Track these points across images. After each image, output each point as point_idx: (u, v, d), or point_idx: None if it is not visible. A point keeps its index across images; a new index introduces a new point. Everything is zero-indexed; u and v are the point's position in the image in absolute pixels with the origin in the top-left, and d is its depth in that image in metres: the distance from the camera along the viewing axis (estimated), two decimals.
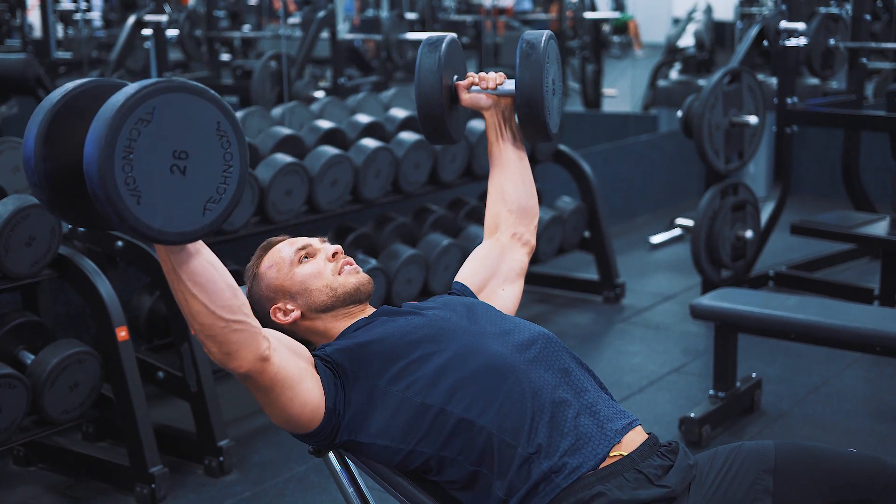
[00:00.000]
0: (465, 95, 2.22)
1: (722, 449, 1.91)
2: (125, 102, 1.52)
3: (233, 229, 3.74)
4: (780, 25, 4.89)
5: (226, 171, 1.63)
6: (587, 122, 8.39)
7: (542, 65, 2.08)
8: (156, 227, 1.56)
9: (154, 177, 1.55)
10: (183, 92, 1.57)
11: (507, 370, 1.87)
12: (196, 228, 1.61)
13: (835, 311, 3.53)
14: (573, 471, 1.79)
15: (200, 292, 1.69)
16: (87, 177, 1.52)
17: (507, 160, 2.25)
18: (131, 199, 1.53)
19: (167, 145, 1.56)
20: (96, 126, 1.52)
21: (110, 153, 1.50)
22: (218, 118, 1.61)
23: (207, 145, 1.60)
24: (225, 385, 4.05)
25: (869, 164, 6.35)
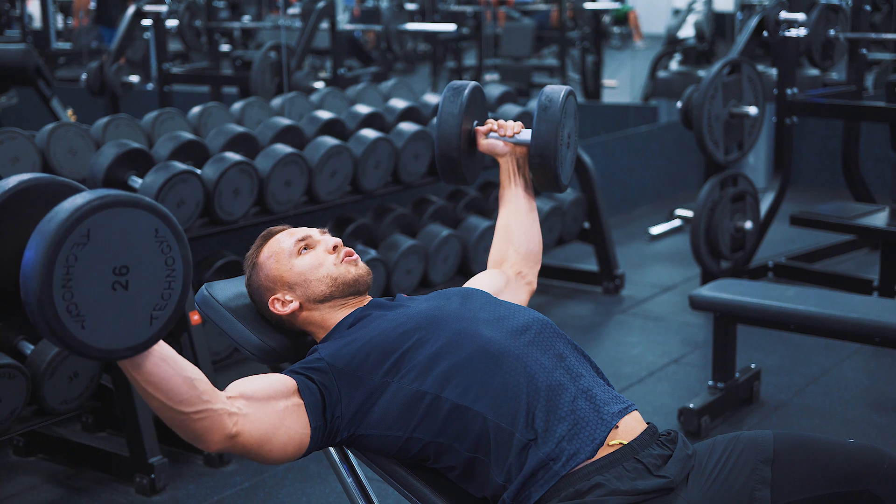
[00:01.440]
0: (483, 141, 2.32)
1: (720, 439, 1.92)
2: (58, 229, 1.45)
3: (232, 220, 3.74)
4: (780, 16, 4.88)
5: (169, 276, 1.58)
6: (587, 113, 8.38)
7: (559, 119, 2.17)
8: (103, 347, 1.53)
9: (96, 298, 1.50)
10: (116, 206, 1.50)
11: (501, 355, 1.88)
12: (145, 340, 1.58)
13: (834, 301, 3.53)
14: (571, 457, 1.80)
15: (156, 391, 1.68)
16: (27, 308, 1.47)
17: (517, 205, 2.33)
18: (75, 325, 1.48)
19: (106, 263, 1.51)
20: (31, 257, 1.46)
21: (48, 283, 1.45)
22: (155, 224, 1.55)
23: (148, 254, 1.55)
24: (225, 375, 4.06)
25: (868, 154, 6.35)
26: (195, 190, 3.56)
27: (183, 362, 1.71)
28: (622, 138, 6.99)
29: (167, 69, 6.73)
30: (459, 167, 2.29)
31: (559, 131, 2.18)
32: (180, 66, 8.05)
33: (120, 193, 1.52)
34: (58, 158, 3.77)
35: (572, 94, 2.27)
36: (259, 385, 1.85)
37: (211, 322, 2.14)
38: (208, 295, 2.14)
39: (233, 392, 1.81)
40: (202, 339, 3.43)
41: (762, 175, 7.16)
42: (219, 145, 3.97)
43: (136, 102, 6.95)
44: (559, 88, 2.23)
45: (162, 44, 6.68)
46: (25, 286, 1.46)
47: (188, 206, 3.54)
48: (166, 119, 4.29)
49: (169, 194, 3.45)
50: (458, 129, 2.25)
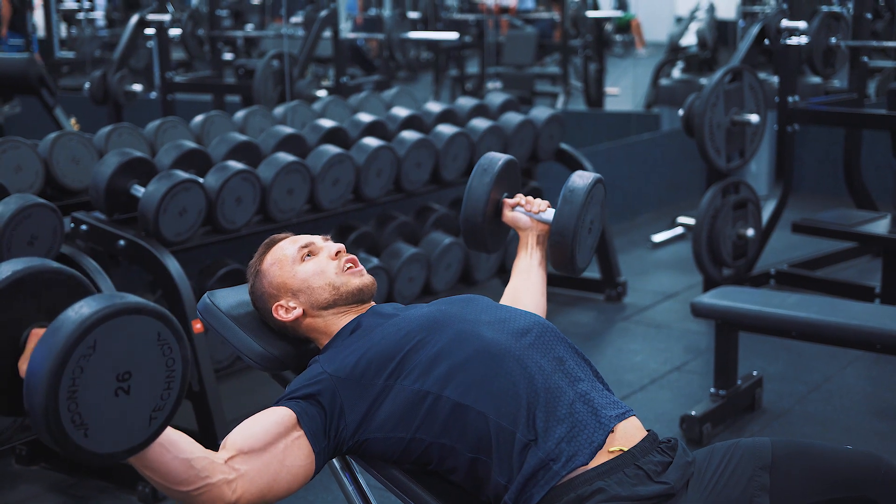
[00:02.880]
0: (509, 213, 2.39)
1: (719, 446, 1.93)
2: (67, 341, 1.46)
3: (235, 228, 3.75)
4: (782, 24, 4.89)
5: (169, 377, 1.60)
6: (589, 121, 8.39)
7: (583, 204, 2.24)
8: (104, 452, 1.54)
9: (100, 405, 1.52)
10: (122, 315, 1.52)
11: (501, 356, 1.89)
12: (144, 440, 1.60)
13: (835, 309, 3.53)
14: (570, 459, 1.81)
15: (154, 474, 1.71)
16: (31, 416, 1.48)
17: (528, 275, 2.38)
18: (78, 434, 1.50)
19: (111, 371, 1.52)
20: (38, 368, 1.46)
21: (54, 395, 1.46)
22: (158, 329, 1.57)
23: (150, 358, 1.57)
24: (227, 383, 4.07)
25: (870, 162, 6.36)
26: (198, 199, 3.57)
27: (180, 443, 1.73)
28: (624, 146, 7.00)
29: (170, 78, 6.75)
30: (482, 234, 2.35)
31: (582, 216, 2.23)
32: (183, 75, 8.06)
33: (125, 301, 1.53)
34: (60, 167, 3.78)
35: (601, 181, 2.33)
36: (257, 432, 1.84)
37: (213, 330, 2.15)
38: (210, 303, 2.15)
39: (231, 450, 1.81)
40: (205, 348, 3.44)
41: (764, 182, 7.17)
42: (221, 154, 3.98)
43: (139, 111, 6.96)
44: (588, 175, 2.30)
45: (165, 53, 6.69)
46: (31, 396, 1.47)
47: (190, 214, 3.55)
48: (169, 128, 4.30)
49: (171, 203, 3.46)
50: (486, 196, 2.32)
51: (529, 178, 5.46)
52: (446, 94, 10.00)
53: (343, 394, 1.90)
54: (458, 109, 5.14)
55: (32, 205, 3.10)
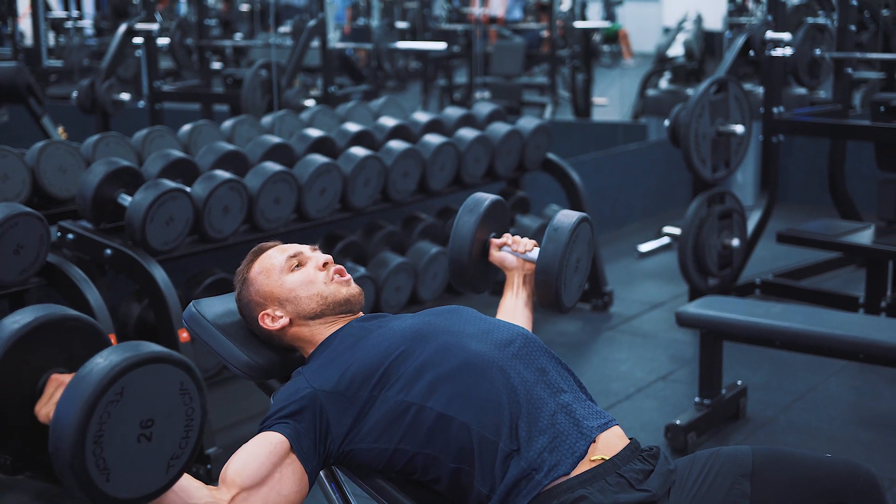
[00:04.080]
0: (496, 253, 2.37)
1: (700, 454, 1.94)
2: (96, 387, 1.51)
3: (222, 237, 3.75)
4: (767, 35, 4.92)
5: (188, 426, 1.64)
6: (577, 131, 8.42)
7: (566, 243, 2.21)
8: (122, 497, 1.58)
9: (123, 451, 1.56)
10: (151, 363, 1.57)
11: (485, 367, 1.90)
12: (161, 487, 1.64)
13: (819, 318, 3.55)
14: (552, 468, 1.82)
15: None
16: (56, 459, 1.52)
17: (514, 316, 2.36)
18: (101, 478, 1.54)
19: (135, 417, 1.57)
20: (66, 412, 1.51)
21: (81, 440, 1.50)
22: (181, 378, 1.62)
23: (172, 406, 1.62)
24: (213, 393, 4.07)
25: (855, 172, 6.39)
26: (185, 208, 3.57)
27: (190, 488, 1.75)
28: (611, 156, 7.02)
29: (158, 87, 6.76)
30: (469, 274, 2.33)
31: (566, 254, 2.21)
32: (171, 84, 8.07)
33: (153, 350, 1.58)
34: (47, 176, 3.78)
35: (587, 220, 2.30)
36: (255, 468, 1.85)
37: (199, 339, 2.16)
38: (196, 312, 2.15)
39: (232, 487, 1.83)
40: (191, 357, 3.44)
41: (750, 193, 7.20)
42: (209, 163, 3.99)
43: (127, 120, 6.96)
44: (573, 214, 2.27)
45: (153, 62, 6.70)
46: (58, 440, 1.51)
47: (177, 223, 3.56)
48: (156, 137, 4.31)
49: (158, 212, 3.47)
50: (472, 236, 2.31)
51: (517, 188, 5.48)
52: (435, 103, 10.02)
53: (329, 408, 1.90)
54: (446, 119, 5.16)
55: (19, 213, 3.10)
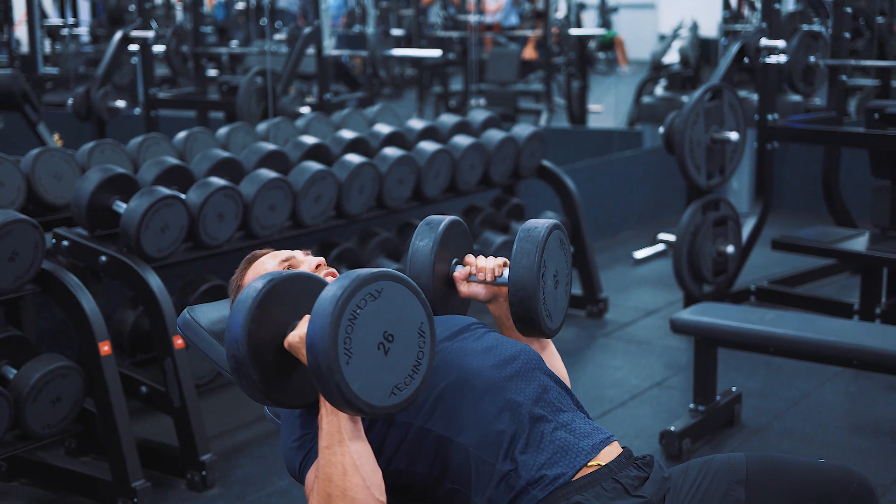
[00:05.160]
0: (464, 288, 2.11)
1: (695, 462, 1.94)
2: (363, 275, 1.69)
3: (216, 244, 3.75)
4: (761, 43, 4.93)
5: (415, 366, 1.76)
6: (572, 138, 8.44)
7: (538, 258, 1.98)
8: (354, 389, 1.67)
9: (365, 346, 1.69)
10: (407, 287, 1.75)
11: (485, 387, 1.89)
12: (382, 406, 1.72)
13: (813, 325, 3.56)
14: (552, 481, 1.81)
15: (361, 466, 1.74)
16: (314, 323, 1.66)
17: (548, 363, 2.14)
18: (343, 356, 1.65)
19: (382, 324, 1.71)
20: (336, 286, 1.67)
21: (342, 310, 1.65)
22: (423, 320, 1.77)
23: (409, 338, 1.75)
24: (208, 400, 4.07)
25: (850, 179, 6.41)
26: (179, 215, 3.57)
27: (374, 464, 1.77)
28: (606, 163, 7.03)
29: (154, 94, 6.76)
30: (437, 309, 2.07)
31: (539, 271, 1.97)
32: (167, 91, 8.07)
33: (412, 282, 1.76)
34: (42, 184, 3.78)
35: (558, 227, 2.05)
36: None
37: (194, 346, 2.16)
38: (191, 319, 2.15)
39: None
40: (185, 364, 3.44)
41: (745, 199, 7.21)
42: (203, 170, 3.99)
43: (122, 127, 6.96)
44: (540, 223, 2.02)
45: (149, 69, 6.70)
46: (322, 306, 1.66)
47: (172, 230, 3.56)
48: (152, 144, 4.31)
49: (153, 219, 3.47)
50: (430, 270, 2.05)
51: (511, 196, 5.49)
52: (430, 110, 10.03)
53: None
54: (441, 126, 5.16)
55: (14, 221, 3.11)
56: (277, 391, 1.82)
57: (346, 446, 1.73)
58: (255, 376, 1.78)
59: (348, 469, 1.73)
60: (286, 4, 11.99)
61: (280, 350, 1.81)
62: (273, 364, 1.80)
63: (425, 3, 11.88)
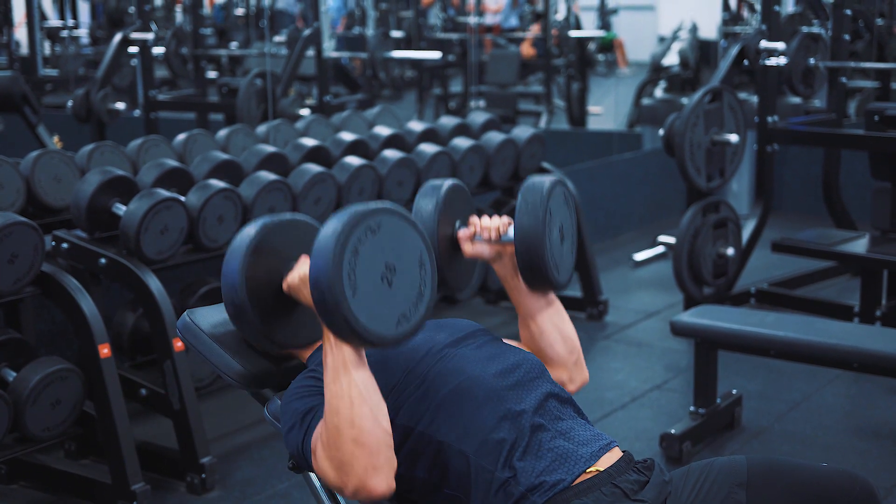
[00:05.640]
0: (468, 248, 2.10)
1: (695, 465, 1.94)
2: (361, 210, 1.74)
3: (216, 247, 3.75)
4: (761, 45, 4.93)
5: (419, 296, 1.81)
6: (572, 140, 8.43)
7: (543, 210, 2.00)
8: (362, 321, 1.72)
9: (369, 278, 1.74)
10: (403, 220, 1.80)
11: (486, 395, 1.89)
12: (391, 335, 1.77)
13: (813, 327, 3.56)
14: (551, 487, 1.81)
15: (368, 398, 1.75)
16: (317, 260, 1.70)
17: (528, 311, 2.14)
18: (349, 289, 1.70)
19: (383, 257, 1.76)
20: (335, 222, 1.72)
21: (345, 244, 1.70)
22: (422, 251, 1.82)
23: (411, 269, 1.80)
24: (208, 402, 4.06)
25: (850, 181, 6.41)
26: (179, 217, 3.57)
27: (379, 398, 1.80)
28: (606, 165, 7.03)
29: (153, 96, 6.76)
30: (444, 276, 2.08)
31: (545, 223, 1.99)
32: (167, 93, 8.07)
33: (408, 214, 1.83)
34: (42, 186, 3.78)
35: (562, 183, 2.08)
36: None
37: (193, 348, 2.16)
38: (190, 321, 2.15)
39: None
40: (185, 366, 3.44)
41: (745, 202, 7.21)
42: (203, 172, 3.99)
43: (122, 129, 6.96)
44: (544, 178, 2.05)
45: (148, 71, 6.70)
46: (325, 240, 1.71)
47: (172, 233, 3.55)
48: (151, 146, 4.31)
49: (153, 221, 3.47)
50: (434, 230, 2.04)
51: (511, 197, 5.48)
52: (430, 112, 10.03)
53: None
54: (440, 128, 5.16)
55: (13, 223, 3.10)
56: (279, 332, 1.88)
57: (352, 376, 1.75)
58: (255, 320, 1.83)
59: (355, 399, 1.74)
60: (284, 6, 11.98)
61: (278, 292, 1.86)
62: (272, 306, 1.86)
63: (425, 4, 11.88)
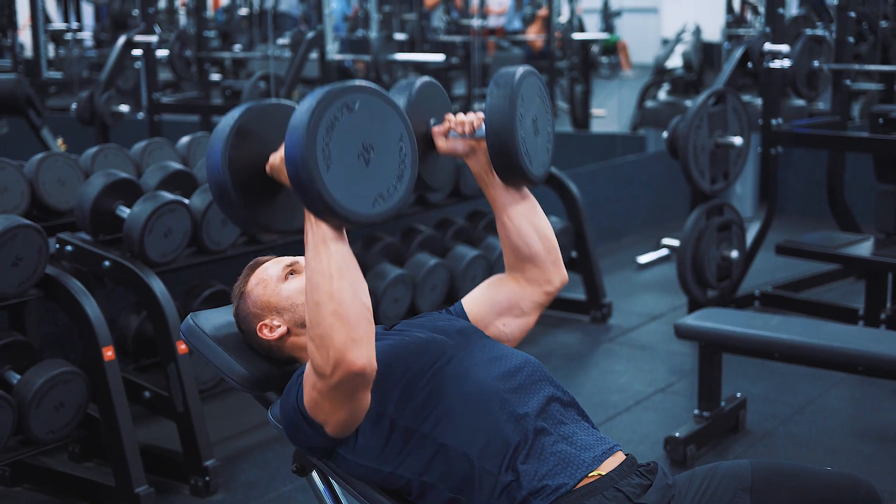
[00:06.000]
0: (442, 143, 2.08)
1: (699, 469, 1.93)
2: (337, 87, 1.74)
3: (220, 249, 3.75)
4: (765, 47, 4.93)
5: (399, 177, 1.82)
6: (575, 143, 8.43)
7: (513, 100, 1.97)
8: (335, 196, 1.72)
9: (345, 155, 1.74)
10: (382, 100, 1.80)
11: (490, 398, 1.88)
12: (366, 214, 1.77)
13: (818, 331, 3.55)
14: (553, 491, 1.81)
15: (348, 273, 1.76)
16: (291, 135, 1.70)
17: (502, 207, 2.11)
18: (323, 164, 1.70)
19: (360, 135, 1.76)
20: (310, 99, 1.72)
21: (319, 119, 1.70)
22: (402, 132, 1.83)
23: (390, 149, 1.81)
24: (211, 405, 4.06)
25: (854, 184, 6.39)
26: (183, 220, 3.57)
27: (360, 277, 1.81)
28: (610, 167, 7.02)
29: (157, 99, 6.76)
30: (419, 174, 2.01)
31: (515, 106, 1.96)
32: (170, 96, 8.07)
33: (388, 94, 1.82)
34: (46, 188, 3.78)
35: (533, 74, 2.05)
36: None
37: (197, 352, 2.15)
38: (194, 325, 2.15)
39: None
40: (189, 369, 3.44)
41: (749, 204, 7.20)
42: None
43: (126, 132, 6.96)
44: (514, 68, 2.01)
45: (152, 73, 6.70)
46: (300, 116, 1.71)
47: (176, 235, 3.55)
48: (155, 149, 4.31)
49: (157, 224, 3.47)
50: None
51: None
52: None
53: None
54: None
55: (18, 226, 3.10)
56: (262, 214, 1.89)
57: (331, 250, 1.76)
58: (237, 200, 1.84)
59: (334, 274, 1.75)
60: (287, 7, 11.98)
61: (262, 175, 1.87)
62: (256, 189, 1.87)
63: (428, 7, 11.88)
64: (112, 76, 6.54)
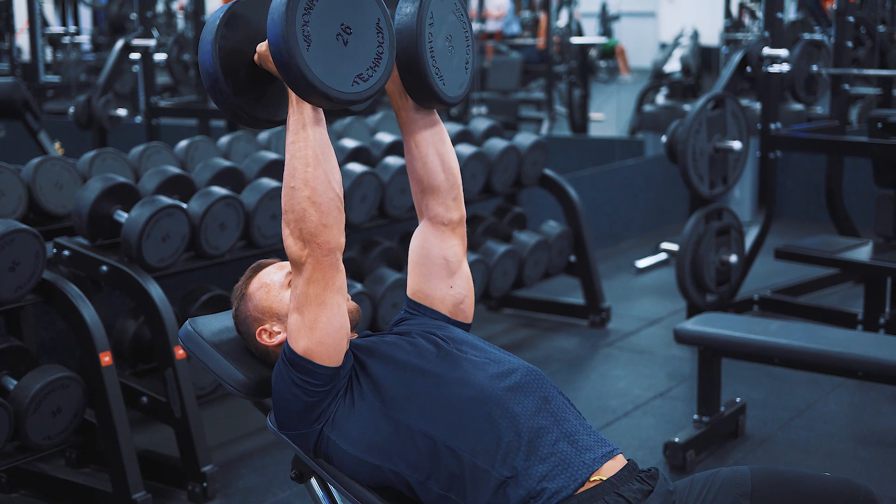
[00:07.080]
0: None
1: (699, 476, 1.93)
2: None
3: (218, 254, 3.74)
4: (764, 52, 4.93)
5: (376, 59, 1.87)
6: (574, 147, 8.42)
7: (421, 20, 1.98)
8: (316, 73, 1.78)
9: (324, 35, 1.80)
10: None
11: (483, 397, 1.89)
12: (345, 92, 1.82)
13: (817, 335, 3.54)
14: (553, 495, 1.80)
15: (324, 159, 1.86)
16: (272, 16, 1.77)
17: (411, 133, 2.10)
18: (303, 43, 1.77)
19: (338, 17, 1.82)
20: None
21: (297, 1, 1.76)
22: (379, 16, 1.88)
23: (367, 32, 1.86)
24: (209, 410, 4.05)
25: (853, 188, 6.40)
26: (181, 224, 3.56)
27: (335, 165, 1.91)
28: (608, 171, 7.02)
29: (155, 102, 6.75)
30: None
31: (423, 30, 1.97)
32: (168, 100, 8.07)
33: None
34: (43, 193, 3.77)
35: None
36: None
37: (195, 357, 2.15)
38: (192, 330, 2.14)
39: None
40: (186, 374, 3.43)
41: (748, 208, 7.19)
42: (205, 179, 3.98)
43: (124, 136, 6.96)
44: None
45: (150, 77, 6.69)
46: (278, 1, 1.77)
47: (174, 240, 3.54)
48: (153, 153, 4.30)
49: (154, 228, 3.46)
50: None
51: (513, 204, 5.47)
52: None
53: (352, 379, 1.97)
54: None
55: (15, 230, 3.09)
56: (253, 105, 1.93)
57: (309, 135, 1.85)
58: (227, 89, 1.89)
59: (310, 161, 1.84)
60: None
61: (252, 66, 1.93)
62: (246, 79, 1.92)
63: None
64: (110, 80, 6.52)
